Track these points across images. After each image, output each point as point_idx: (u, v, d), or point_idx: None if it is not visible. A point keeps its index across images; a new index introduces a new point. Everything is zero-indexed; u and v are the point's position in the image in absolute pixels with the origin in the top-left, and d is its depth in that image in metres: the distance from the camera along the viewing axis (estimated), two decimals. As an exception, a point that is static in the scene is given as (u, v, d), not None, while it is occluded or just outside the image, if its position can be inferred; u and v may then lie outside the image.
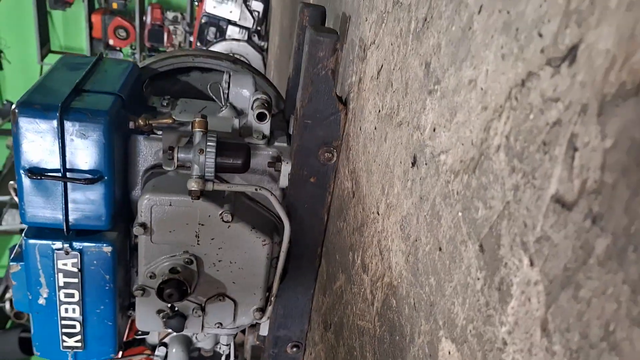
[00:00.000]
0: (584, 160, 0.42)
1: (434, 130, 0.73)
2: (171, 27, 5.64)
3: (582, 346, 0.41)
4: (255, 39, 4.32)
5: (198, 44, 4.34)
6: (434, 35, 0.75)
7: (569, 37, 0.46)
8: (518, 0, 0.54)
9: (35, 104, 1.09)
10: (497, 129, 0.57)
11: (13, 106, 1.08)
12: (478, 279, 0.58)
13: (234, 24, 4.20)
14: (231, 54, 4.17)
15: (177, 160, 1.17)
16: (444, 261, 0.68)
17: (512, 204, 0.52)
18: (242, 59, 4.12)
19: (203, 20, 4.28)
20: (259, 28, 4.25)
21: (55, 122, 1.08)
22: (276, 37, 3.75)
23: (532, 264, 0.49)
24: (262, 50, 4.26)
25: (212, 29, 4.29)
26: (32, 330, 1.22)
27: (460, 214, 0.64)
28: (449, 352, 0.65)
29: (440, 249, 0.69)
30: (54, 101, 1.09)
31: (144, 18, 5.80)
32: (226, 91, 1.32)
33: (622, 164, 0.38)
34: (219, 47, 4.17)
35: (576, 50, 0.45)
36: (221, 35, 4.25)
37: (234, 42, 4.16)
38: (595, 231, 0.41)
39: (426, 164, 0.76)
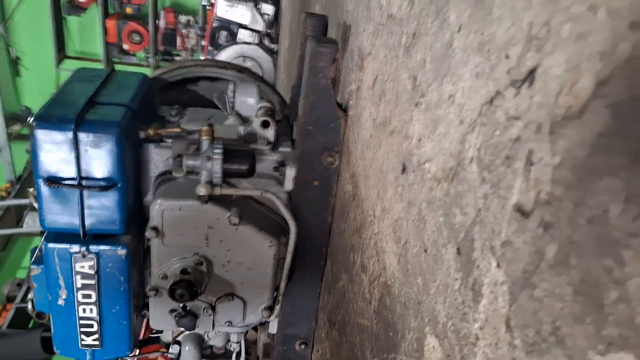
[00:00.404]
0: (538, 174, 0.47)
1: (420, 140, 0.78)
2: (184, 31, 5.73)
3: (536, 341, 0.46)
4: (266, 41, 4.38)
5: (210, 47, 4.42)
6: (421, 50, 0.80)
7: (529, 61, 0.50)
8: (491, 22, 0.59)
9: (52, 116, 1.15)
10: (470, 142, 0.61)
11: (31, 119, 1.15)
12: (456, 279, 0.63)
13: (245, 27, 4.27)
14: (242, 57, 4.25)
15: (186, 167, 1.23)
16: (429, 262, 0.73)
17: (483, 212, 0.57)
18: (249, 64, 4.19)
19: (215, 24, 4.36)
20: (269, 31, 4.31)
21: (70, 134, 1.14)
22: (286, 40, 3.81)
23: (498, 266, 0.54)
24: (273, 53, 4.32)
25: (224, 33, 4.36)
26: (52, 330, 1.30)
27: (441, 219, 0.69)
28: (433, 347, 0.70)
29: (425, 251, 0.74)
30: (69, 114, 1.15)
31: (157, 22, 5.90)
32: (232, 100, 1.38)
33: (567, 179, 0.43)
34: (230, 51, 4.25)
35: (534, 73, 0.49)
36: (232, 38, 4.32)
37: (245, 46, 4.23)
38: (546, 238, 0.46)
39: (413, 171, 0.81)
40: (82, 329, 1.30)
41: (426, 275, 0.74)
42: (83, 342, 1.32)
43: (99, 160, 1.17)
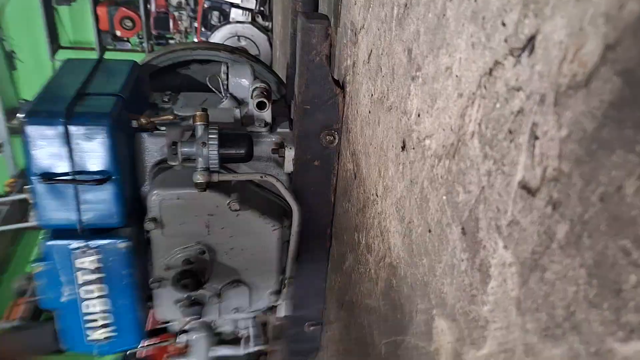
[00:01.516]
0: (544, 149, 0.44)
1: (419, 115, 0.75)
2: (176, 14, 5.63)
3: (549, 326, 0.44)
4: (260, 19, 4.30)
5: (203, 29, 4.34)
6: (414, 21, 0.76)
7: (527, 27, 0.47)
8: (485, -13, 0.55)
9: (41, 111, 1.12)
10: (471, 116, 0.58)
11: (21, 115, 1.12)
12: (462, 260, 0.61)
13: (237, 6, 4.19)
14: (237, 37, 4.18)
15: (182, 155, 1.20)
16: (434, 243, 0.70)
17: (487, 189, 0.54)
18: (243, 43, 4.12)
19: (206, 5, 4.28)
20: (262, 8, 4.23)
21: (61, 128, 1.11)
22: (279, 17, 3.73)
23: (505, 246, 0.51)
24: (267, 31, 4.25)
25: (216, 13, 4.29)
26: (59, 327, 1.29)
27: (444, 197, 0.66)
28: (442, 330, 0.68)
29: (429, 231, 0.72)
30: (58, 107, 1.12)
31: (149, 6, 5.80)
32: (225, 82, 1.34)
33: (576, 154, 0.40)
34: (224, 31, 4.17)
35: (534, 40, 0.46)
36: (225, 18, 4.24)
37: (238, 25, 4.16)
38: (555, 217, 0.43)
39: (414, 148, 0.77)
40: (88, 325, 1.29)
41: (432, 255, 0.71)
42: (89, 337, 1.31)
43: (92, 153, 1.14)
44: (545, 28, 0.44)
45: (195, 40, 4.88)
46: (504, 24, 0.51)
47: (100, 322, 1.28)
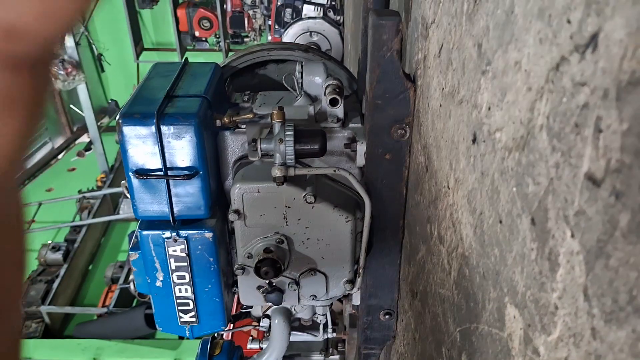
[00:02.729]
0: (607, 142, 0.46)
1: (489, 109, 0.77)
2: (250, 12, 5.81)
3: (614, 309, 0.46)
4: (331, 14, 4.36)
5: (276, 26, 4.46)
6: (483, 17, 0.79)
7: (590, 25, 0.49)
8: (551, -15, 0.57)
9: (135, 113, 1.23)
10: (539, 109, 0.60)
11: (117, 117, 1.24)
12: (532, 249, 0.63)
13: (309, 2, 4.26)
14: (309, 33, 4.25)
15: (261, 151, 1.28)
16: (505, 233, 0.72)
17: (555, 181, 0.57)
18: (315, 39, 4.17)
19: (279, 2, 4.38)
20: (333, 3, 4.28)
21: (153, 128, 1.22)
22: (350, 11, 3.77)
23: (573, 235, 0.53)
24: (339, 25, 4.29)
25: (289, 10, 4.38)
26: (153, 310, 1.41)
27: (514, 189, 0.68)
28: (514, 317, 0.70)
29: (500, 222, 0.74)
30: (150, 109, 1.23)
31: (225, 6, 6.02)
32: (300, 81, 1.40)
33: (636, 146, 0.42)
34: (296, 27, 4.26)
35: (597, 37, 0.48)
36: (297, 15, 4.33)
37: (310, 21, 4.23)
38: (618, 207, 0.45)
39: (484, 141, 0.80)
40: (180, 307, 1.40)
41: (502, 245, 0.73)
42: (181, 319, 1.42)
43: (181, 150, 1.24)
44: (606, 27, 0.46)
45: (269, 37, 5.01)
46: (569, 22, 0.53)
47: (191, 306, 1.39)
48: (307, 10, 4.26)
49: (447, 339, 1.08)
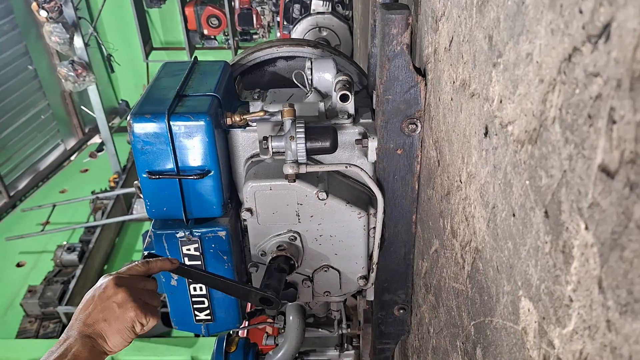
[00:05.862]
0: (621, 132, 0.46)
1: (501, 102, 0.77)
2: (259, 9, 5.80)
3: (629, 301, 0.46)
4: (340, 8, 4.35)
5: (285, 22, 4.46)
6: (494, 9, 0.78)
7: (603, 15, 0.48)
8: (562, -25, 0.57)
9: (146, 113, 1.24)
10: (552, 101, 0.60)
11: (128, 118, 1.25)
12: (546, 242, 0.63)
13: (317, -3, 4.25)
14: (318, 28, 4.25)
15: (272, 149, 1.28)
16: (518, 226, 0.72)
17: (568, 173, 0.56)
18: (324, 34, 4.17)
19: (287, -1, 4.38)
20: (341, -2, 4.27)
21: (164, 127, 1.23)
22: (359, 5, 3.76)
23: (587, 228, 0.53)
24: (347, 20, 4.28)
25: (297, 6, 4.38)
26: (169, 308, 1.42)
27: (527, 182, 0.68)
28: (528, 310, 0.70)
29: (514, 215, 0.74)
30: (161, 109, 1.24)
31: (233, 3, 6.02)
32: (309, 77, 1.40)
33: (651, 136, 0.42)
34: (305, 23, 4.26)
35: (609, 27, 0.47)
36: (305, 10, 4.32)
37: (319, 16, 4.23)
38: (632, 199, 0.44)
39: (496, 134, 0.79)
40: (195, 306, 1.41)
41: (516, 239, 0.73)
42: (197, 318, 1.43)
43: (193, 150, 1.25)
44: (619, 16, 0.45)
45: (278, 34, 5.00)
46: (580, 11, 0.52)
47: (206, 304, 1.40)
48: (316, 5, 4.25)
49: (462, 332, 1.08)
